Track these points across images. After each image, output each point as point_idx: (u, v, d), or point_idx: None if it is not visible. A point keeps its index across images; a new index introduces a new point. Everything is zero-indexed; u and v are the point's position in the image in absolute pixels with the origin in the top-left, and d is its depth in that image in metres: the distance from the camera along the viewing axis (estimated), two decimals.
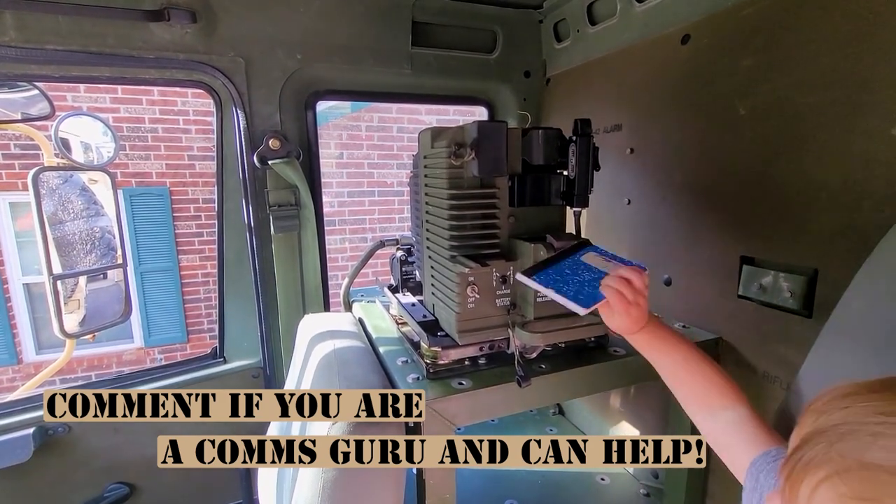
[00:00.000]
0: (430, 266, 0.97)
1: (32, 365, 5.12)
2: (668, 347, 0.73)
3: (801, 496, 0.35)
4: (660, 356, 0.74)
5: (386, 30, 1.37)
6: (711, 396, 0.68)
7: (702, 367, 0.70)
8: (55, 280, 1.46)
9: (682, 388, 0.72)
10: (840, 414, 0.36)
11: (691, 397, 0.70)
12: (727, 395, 0.67)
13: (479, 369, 0.89)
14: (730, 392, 0.67)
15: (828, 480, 0.34)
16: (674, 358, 0.72)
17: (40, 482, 1.25)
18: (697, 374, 0.70)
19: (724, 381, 0.68)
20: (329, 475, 0.69)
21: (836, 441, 0.34)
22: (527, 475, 1.37)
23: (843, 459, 0.34)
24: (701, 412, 0.69)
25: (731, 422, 0.65)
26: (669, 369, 0.73)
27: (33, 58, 1.09)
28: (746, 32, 0.94)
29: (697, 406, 0.70)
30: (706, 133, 1.05)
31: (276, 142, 1.30)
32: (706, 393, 0.68)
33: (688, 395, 0.71)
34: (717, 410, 0.67)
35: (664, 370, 0.73)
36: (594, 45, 1.37)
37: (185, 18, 1.16)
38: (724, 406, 0.66)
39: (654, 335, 0.73)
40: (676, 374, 0.72)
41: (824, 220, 0.83)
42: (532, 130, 0.88)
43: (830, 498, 0.33)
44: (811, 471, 0.35)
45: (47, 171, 1.51)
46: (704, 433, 0.69)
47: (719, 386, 0.68)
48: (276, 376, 1.46)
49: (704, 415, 0.68)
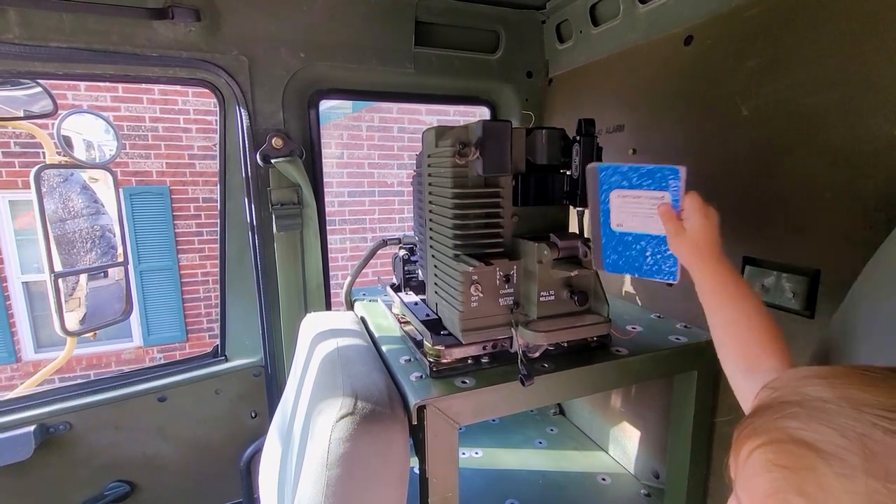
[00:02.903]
0: (433, 265, 0.97)
1: (31, 363, 5.12)
2: (730, 296, 0.66)
3: (741, 458, 0.40)
4: (716, 304, 0.67)
5: (389, 29, 1.38)
6: (756, 355, 0.64)
7: (756, 322, 0.65)
8: (56, 278, 1.46)
9: (726, 339, 0.67)
10: (788, 391, 0.40)
11: (734, 351, 0.66)
12: (775, 358, 0.63)
13: (482, 368, 0.89)
14: (779, 355, 0.63)
15: (761, 447, 0.38)
16: (731, 307, 0.66)
17: (41, 480, 1.25)
18: (746, 329, 0.65)
19: (776, 343, 0.64)
20: (332, 473, 0.70)
21: (778, 415, 0.38)
22: (528, 475, 1.37)
23: (778, 432, 0.37)
24: (738, 368, 0.65)
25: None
26: (720, 319, 0.67)
27: (37, 55, 1.09)
28: (749, 33, 0.95)
29: (737, 361, 0.65)
30: (709, 134, 1.05)
31: (279, 140, 1.31)
32: (750, 350, 0.64)
33: (731, 347, 0.66)
34: (759, 371, 0.62)
35: (714, 318, 0.68)
36: (597, 46, 1.38)
37: (188, 17, 1.16)
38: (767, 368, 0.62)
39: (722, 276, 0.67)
40: (726, 325, 0.67)
41: (827, 220, 0.83)
42: (536, 130, 0.88)
43: (759, 461, 0.37)
44: (752, 437, 0.39)
45: (49, 168, 1.52)
46: (737, 389, 0.66)
47: (770, 347, 0.64)
48: (278, 375, 1.46)
49: (740, 371, 0.65)
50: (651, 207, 0.70)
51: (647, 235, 0.72)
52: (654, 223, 0.70)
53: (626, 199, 0.72)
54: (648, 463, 1.31)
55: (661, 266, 0.73)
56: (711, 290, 0.68)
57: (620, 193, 0.73)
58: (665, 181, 0.68)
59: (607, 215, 0.75)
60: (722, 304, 0.68)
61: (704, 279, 0.68)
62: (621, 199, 0.73)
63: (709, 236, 0.66)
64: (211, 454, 1.45)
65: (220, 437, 1.45)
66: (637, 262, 0.75)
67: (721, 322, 0.68)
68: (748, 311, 0.66)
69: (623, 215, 0.74)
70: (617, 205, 0.74)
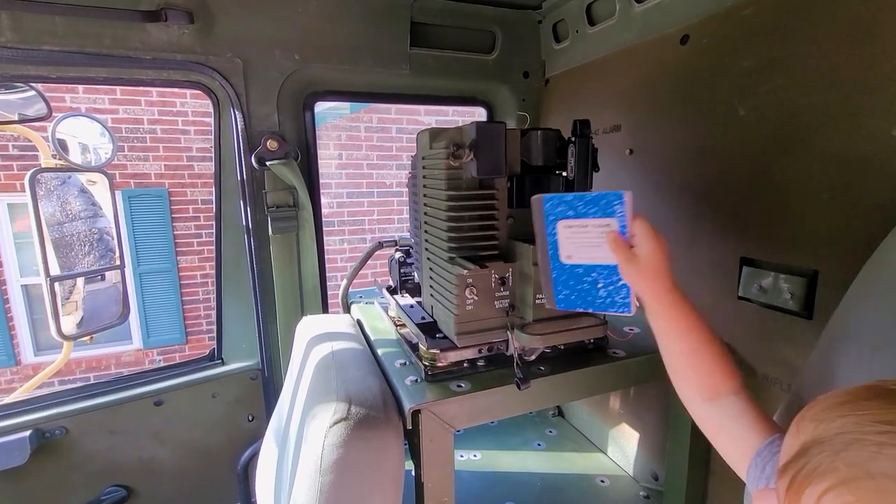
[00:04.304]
0: (428, 267, 0.97)
1: (31, 366, 5.11)
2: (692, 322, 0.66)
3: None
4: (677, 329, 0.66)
5: (385, 30, 1.37)
6: (717, 383, 0.64)
7: (714, 349, 0.65)
8: (53, 282, 1.45)
9: (687, 371, 0.67)
10: (839, 423, 0.36)
11: (696, 380, 0.66)
12: (730, 381, 0.64)
13: (478, 371, 0.88)
14: (736, 378, 0.64)
15: (833, 489, 0.34)
16: (691, 334, 0.66)
17: (37, 485, 1.24)
18: (707, 357, 0.65)
19: (731, 366, 0.65)
20: (326, 478, 0.69)
21: (840, 450, 0.35)
22: (526, 477, 1.37)
23: (848, 469, 0.34)
24: (701, 398, 0.66)
25: (730, 412, 0.63)
26: (680, 346, 0.66)
27: (30, 58, 1.08)
28: (746, 33, 0.94)
29: (700, 390, 0.66)
30: (705, 134, 1.05)
31: (275, 143, 1.30)
32: (711, 378, 0.65)
33: (691, 377, 0.66)
34: (718, 397, 0.64)
35: (675, 346, 0.67)
36: (593, 46, 1.37)
37: (182, 19, 1.15)
38: (726, 393, 0.64)
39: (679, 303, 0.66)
40: (686, 354, 0.66)
41: (825, 221, 0.82)
42: (531, 131, 0.87)
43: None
44: (815, 480, 0.35)
45: (45, 172, 1.51)
46: (701, 419, 0.66)
47: (727, 372, 0.64)
48: (274, 378, 1.46)
49: (704, 401, 0.65)
50: (599, 236, 0.67)
51: (598, 266, 0.70)
52: (603, 252, 0.67)
53: (573, 230, 0.70)
54: (647, 465, 1.30)
55: (615, 298, 0.70)
56: (668, 317, 0.66)
57: (567, 224, 0.70)
58: (611, 207, 0.66)
59: (556, 248, 0.72)
60: (680, 333, 0.66)
61: (661, 307, 0.66)
62: (568, 229, 0.70)
63: (661, 262, 0.64)
64: (208, 458, 1.44)
65: (217, 441, 1.44)
66: (590, 296, 0.72)
67: (680, 351, 0.66)
68: (705, 340, 0.65)
69: (572, 246, 0.70)
70: (565, 236, 0.71)
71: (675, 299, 0.65)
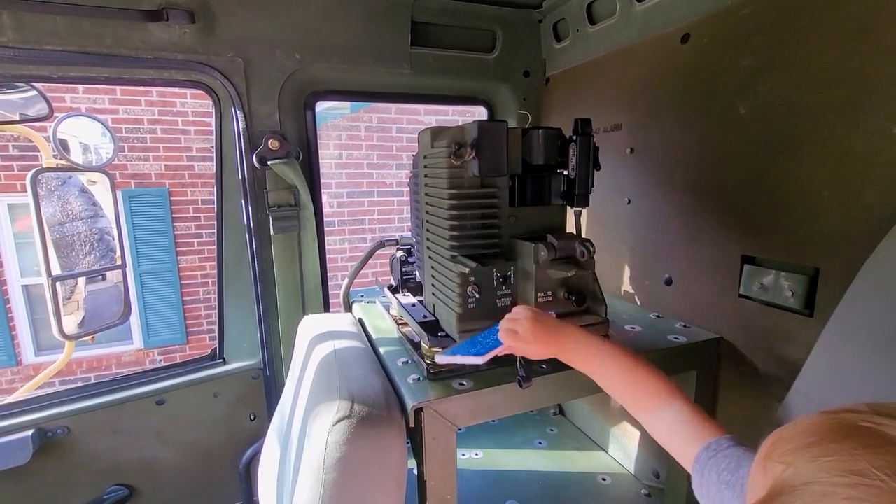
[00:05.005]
0: (430, 266, 0.97)
1: (32, 367, 5.11)
2: (599, 358, 0.73)
3: None
4: (592, 368, 0.74)
5: (385, 30, 1.37)
6: (649, 397, 0.69)
7: (634, 369, 0.70)
8: (54, 281, 1.46)
9: (620, 394, 0.72)
10: (808, 469, 0.35)
11: (631, 401, 0.71)
12: (661, 392, 0.68)
13: (480, 370, 0.88)
14: (663, 389, 0.68)
15: None
16: (606, 367, 0.73)
17: (40, 484, 1.24)
18: (629, 377, 0.70)
19: (656, 379, 0.69)
20: (329, 476, 0.69)
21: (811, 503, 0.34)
22: (527, 476, 1.37)
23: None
24: (644, 413, 0.70)
25: (669, 418, 0.66)
26: (604, 379, 0.73)
27: (31, 58, 1.09)
28: (746, 31, 0.94)
29: (639, 408, 0.70)
30: (706, 132, 1.05)
31: (276, 142, 1.30)
32: (643, 394, 0.69)
33: (627, 399, 0.72)
34: (656, 409, 0.68)
35: (600, 380, 0.74)
36: (594, 45, 1.37)
37: (183, 18, 1.15)
38: (660, 404, 0.68)
39: (578, 350, 0.74)
40: (611, 381, 0.73)
41: (825, 219, 0.82)
42: (532, 130, 0.88)
43: None
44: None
45: (46, 172, 1.51)
46: (651, 433, 0.70)
47: (653, 385, 0.69)
48: (276, 377, 1.46)
49: (647, 416, 0.69)
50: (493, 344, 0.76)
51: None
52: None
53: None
54: (648, 463, 1.30)
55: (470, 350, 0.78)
56: (585, 362, 0.74)
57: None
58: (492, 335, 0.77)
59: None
60: (598, 372, 0.73)
61: (574, 360, 0.75)
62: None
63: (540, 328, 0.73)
64: (210, 457, 1.44)
65: (219, 440, 1.45)
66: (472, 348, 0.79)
67: (618, 384, 0.72)
68: (629, 366, 0.71)
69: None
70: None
71: (578, 348, 0.74)
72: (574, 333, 0.75)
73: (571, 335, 0.75)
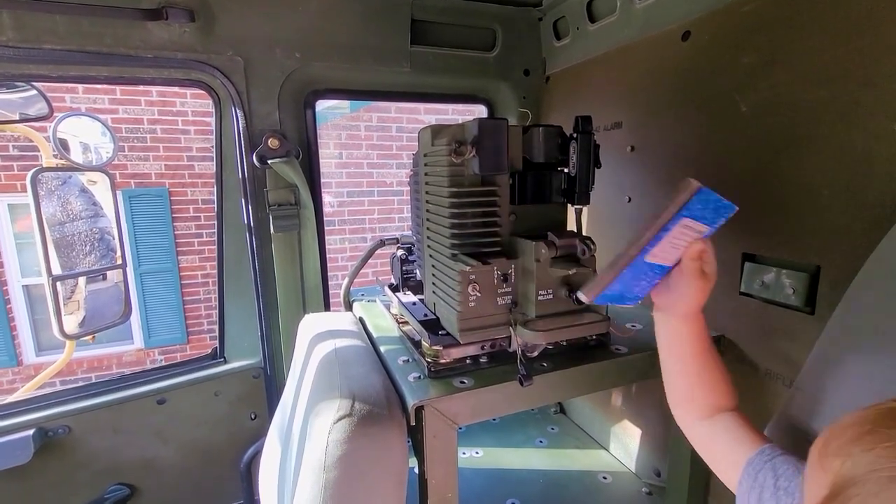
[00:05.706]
0: (430, 264, 0.97)
1: (32, 367, 5.12)
2: (702, 346, 0.68)
3: None
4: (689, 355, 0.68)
5: (385, 28, 1.37)
6: (716, 403, 0.67)
7: (719, 370, 0.68)
8: (54, 281, 1.46)
9: (693, 390, 0.69)
10: (868, 458, 0.35)
11: (699, 401, 0.68)
12: (730, 400, 0.67)
13: (481, 368, 0.88)
14: (734, 398, 0.68)
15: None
16: (700, 359, 0.67)
17: (41, 484, 1.24)
18: (712, 378, 0.67)
19: (731, 386, 0.68)
20: (331, 475, 0.69)
21: (877, 491, 0.33)
22: (528, 474, 1.37)
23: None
24: (700, 416, 0.68)
25: (726, 425, 0.66)
26: (688, 370, 0.68)
27: (31, 57, 1.08)
28: (747, 29, 0.94)
29: (701, 409, 0.68)
30: (707, 130, 1.05)
31: (276, 141, 1.30)
32: (714, 398, 0.67)
33: (696, 397, 0.68)
34: (716, 414, 0.67)
35: (682, 368, 0.68)
36: (594, 43, 1.37)
37: (183, 17, 1.15)
38: (723, 410, 0.67)
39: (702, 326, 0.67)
40: (691, 376, 0.68)
41: (826, 216, 0.82)
42: (533, 128, 0.87)
43: None
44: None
45: (46, 171, 1.51)
46: (698, 435, 0.68)
47: (727, 392, 0.68)
48: (277, 376, 1.46)
49: (701, 419, 0.68)
50: (686, 239, 0.63)
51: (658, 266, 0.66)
52: (676, 255, 0.64)
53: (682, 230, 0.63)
54: (650, 461, 1.30)
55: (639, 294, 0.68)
56: (691, 337, 0.68)
57: (685, 223, 0.63)
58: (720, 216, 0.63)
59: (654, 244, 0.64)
60: (694, 356, 0.68)
61: (691, 325, 0.68)
62: (681, 228, 0.63)
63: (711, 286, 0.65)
64: (211, 456, 1.44)
65: (219, 440, 1.45)
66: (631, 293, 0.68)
67: (688, 372, 0.69)
68: (713, 361, 0.68)
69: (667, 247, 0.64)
70: (673, 235, 0.63)
71: (701, 322, 0.68)
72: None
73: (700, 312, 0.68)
